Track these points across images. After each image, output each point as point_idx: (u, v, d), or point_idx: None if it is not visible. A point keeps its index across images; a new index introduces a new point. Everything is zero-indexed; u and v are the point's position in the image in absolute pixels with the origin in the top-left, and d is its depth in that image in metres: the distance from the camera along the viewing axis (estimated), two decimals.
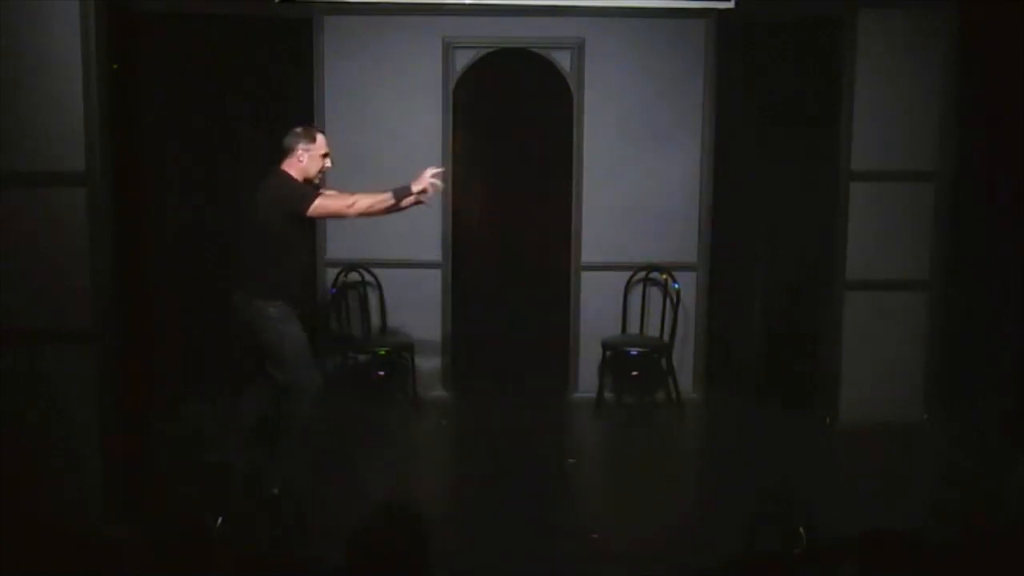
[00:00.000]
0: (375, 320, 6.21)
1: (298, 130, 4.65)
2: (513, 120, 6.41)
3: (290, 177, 4.59)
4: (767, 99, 6.28)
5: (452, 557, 3.82)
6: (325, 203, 4.57)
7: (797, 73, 6.09)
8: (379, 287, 6.16)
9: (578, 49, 6.06)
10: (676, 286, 6.09)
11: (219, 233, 6.09)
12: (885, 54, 5.58)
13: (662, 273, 6.14)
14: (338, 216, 4.81)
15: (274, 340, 4.56)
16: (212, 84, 6.06)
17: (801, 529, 3.22)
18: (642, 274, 6.21)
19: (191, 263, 6.09)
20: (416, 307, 6.20)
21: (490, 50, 6.10)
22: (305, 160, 4.59)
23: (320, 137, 4.65)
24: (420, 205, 4.74)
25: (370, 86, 6.06)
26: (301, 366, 4.59)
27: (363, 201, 4.59)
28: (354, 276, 6.15)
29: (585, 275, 6.22)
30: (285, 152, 4.62)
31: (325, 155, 4.65)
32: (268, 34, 6.08)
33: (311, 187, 4.61)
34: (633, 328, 6.22)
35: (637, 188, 6.13)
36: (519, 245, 6.56)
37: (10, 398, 4.10)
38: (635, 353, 6.01)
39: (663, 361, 6.10)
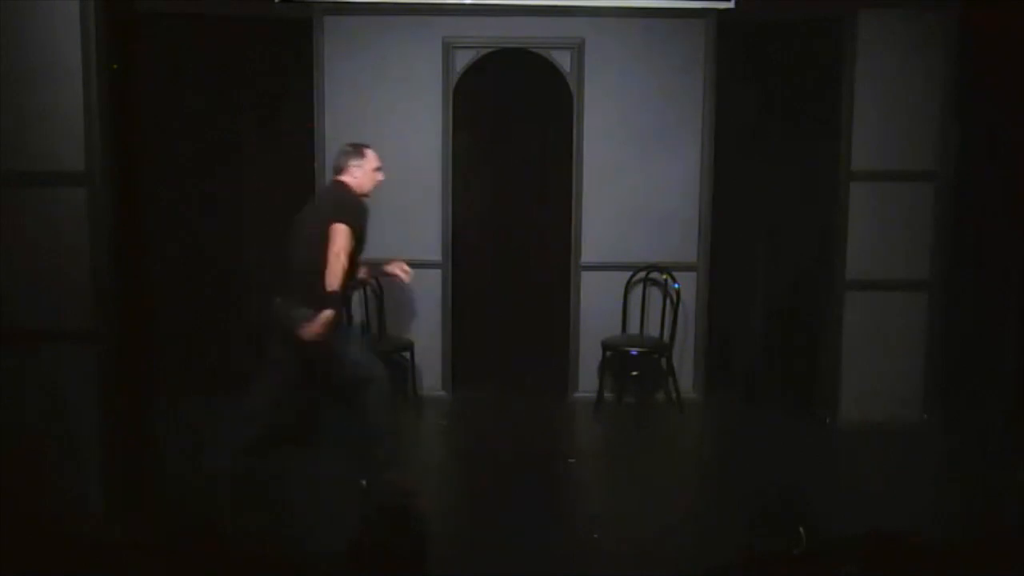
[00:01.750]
0: (375, 320, 6.21)
1: (347, 148, 4.70)
2: (513, 120, 6.41)
3: (349, 188, 4.63)
4: (767, 99, 6.28)
5: (452, 557, 3.83)
6: (337, 239, 4.40)
7: (797, 73, 6.09)
8: (379, 287, 6.16)
9: (578, 49, 6.06)
10: (676, 286, 6.09)
11: (219, 232, 6.09)
12: (885, 54, 5.59)
13: (662, 273, 6.15)
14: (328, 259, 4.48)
15: (336, 343, 4.57)
16: (212, 84, 6.07)
17: (801, 529, 3.22)
18: (642, 274, 6.21)
19: (191, 263, 6.09)
20: (416, 307, 6.21)
21: (490, 50, 6.10)
22: (359, 175, 4.64)
23: (369, 152, 4.69)
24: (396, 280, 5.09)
25: (370, 86, 6.06)
26: (369, 358, 4.67)
27: (335, 274, 4.40)
28: None
29: (585, 275, 6.22)
30: (337, 172, 4.68)
31: (377, 168, 4.69)
32: (268, 34, 6.08)
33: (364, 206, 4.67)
34: (633, 328, 6.22)
35: (637, 188, 6.14)
36: (519, 245, 6.57)
37: (10, 398, 4.09)
38: (635, 353, 6.00)
39: (663, 361, 6.10)
